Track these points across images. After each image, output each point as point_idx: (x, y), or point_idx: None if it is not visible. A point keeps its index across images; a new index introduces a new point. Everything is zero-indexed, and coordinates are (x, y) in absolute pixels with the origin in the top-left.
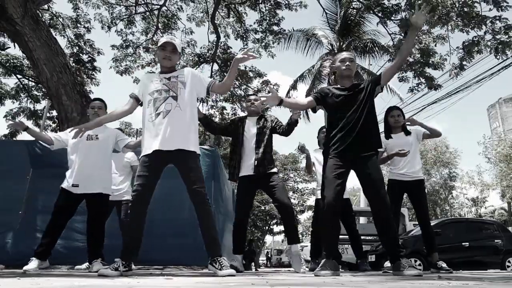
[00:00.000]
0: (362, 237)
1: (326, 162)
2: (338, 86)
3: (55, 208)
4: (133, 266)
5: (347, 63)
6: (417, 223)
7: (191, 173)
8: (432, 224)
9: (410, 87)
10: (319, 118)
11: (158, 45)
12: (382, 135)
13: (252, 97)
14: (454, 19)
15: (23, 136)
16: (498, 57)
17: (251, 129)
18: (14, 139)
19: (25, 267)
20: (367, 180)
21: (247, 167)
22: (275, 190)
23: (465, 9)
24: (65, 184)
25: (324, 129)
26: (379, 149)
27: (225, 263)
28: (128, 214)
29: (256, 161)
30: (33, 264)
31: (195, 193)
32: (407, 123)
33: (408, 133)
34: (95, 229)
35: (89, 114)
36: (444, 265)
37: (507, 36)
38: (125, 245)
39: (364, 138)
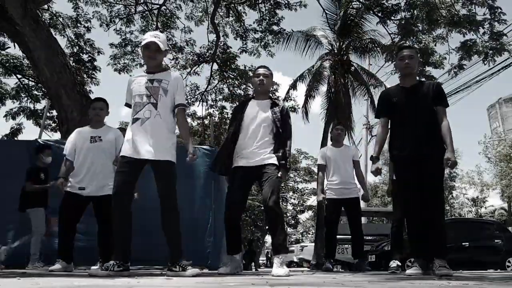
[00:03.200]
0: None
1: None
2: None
3: (63, 213)
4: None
5: (406, 60)
6: None
7: (162, 180)
8: None
9: None
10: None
11: (142, 43)
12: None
13: (262, 71)
14: (447, 27)
15: (24, 136)
16: (485, 62)
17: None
18: (15, 139)
19: (50, 268)
20: None
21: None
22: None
23: (457, 18)
24: (70, 187)
25: (338, 126)
26: None
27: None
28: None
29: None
30: (58, 265)
31: (163, 199)
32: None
33: None
34: (107, 230)
35: (90, 115)
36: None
37: (498, 42)
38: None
39: None
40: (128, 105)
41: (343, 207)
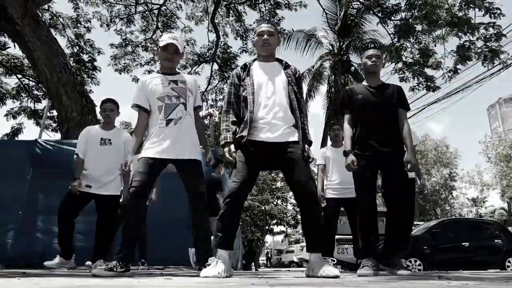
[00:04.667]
0: None
1: None
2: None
3: (64, 209)
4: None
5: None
6: (417, 223)
7: (194, 179)
8: (432, 224)
9: (411, 87)
10: (316, 119)
11: (160, 44)
12: None
13: (265, 27)
14: (446, 28)
15: (24, 136)
16: (485, 65)
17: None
18: (15, 139)
19: (45, 263)
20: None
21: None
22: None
23: (456, 19)
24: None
25: (335, 126)
26: None
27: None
28: (124, 213)
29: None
30: (54, 261)
31: (196, 197)
32: None
33: None
34: (105, 230)
35: (100, 115)
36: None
37: (497, 44)
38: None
39: None
40: (138, 106)
41: (342, 207)
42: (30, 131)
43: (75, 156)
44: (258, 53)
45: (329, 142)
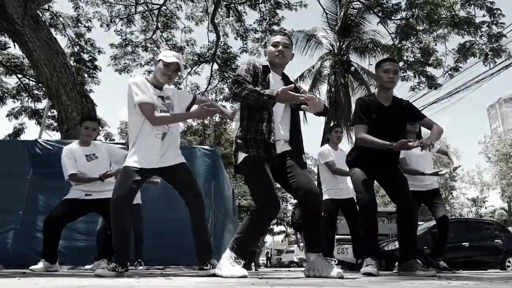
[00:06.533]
0: None
1: None
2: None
3: (59, 214)
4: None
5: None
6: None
7: (186, 178)
8: (432, 224)
9: (411, 86)
10: (316, 119)
11: (165, 60)
12: None
13: (281, 39)
14: (447, 28)
15: (26, 136)
16: (486, 64)
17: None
18: (17, 139)
19: (31, 267)
20: None
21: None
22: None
23: (457, 19)
24: (71, 196)
25: (338, 129)
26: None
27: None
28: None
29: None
30: (39, 265)
31: (195, 198)
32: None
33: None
34: (107, 231)
35: (81, 132)
36: (445, 265)
37: (497, 44)
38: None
39: None
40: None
41: (340, 209)
42: (31, 131)
43: (67, 177)
44: (270, 62)
45: (328, 145)
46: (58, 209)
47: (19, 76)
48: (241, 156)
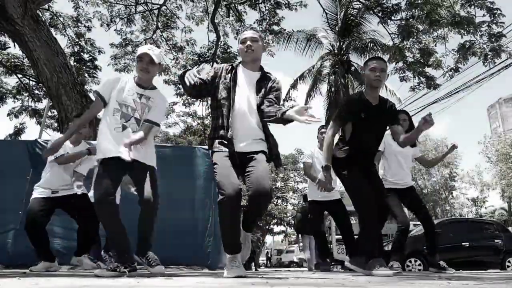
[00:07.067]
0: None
1: None
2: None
3: (35, 217)
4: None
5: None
6: (417, 223)
7: (143, 182)
8: None
9: (411, 86)
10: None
11: (136, 55)
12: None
13: (249, 34)
14: (448, 28)
15: (27, 135)
16: (485, 64)
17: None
18: (17, 138)
19: (31, 268)
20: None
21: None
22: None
23: (458, 18)
24: (40, 194)
25: (323, 130)
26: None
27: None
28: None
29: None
30: (39, 266)
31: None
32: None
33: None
34: (86, 225)
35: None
36: (445, 265)
37: (497, 44)
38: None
39: None
40: (98, 94)
41: (326, 211)
42: (31, 131)
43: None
44: (242, 60)
45: (316, 144)
46: (32, 209)
47: (19, 76)
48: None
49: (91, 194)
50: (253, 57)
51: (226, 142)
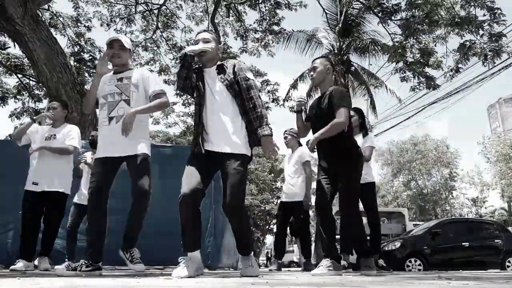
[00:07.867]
0: None
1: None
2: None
3: (23, 210)
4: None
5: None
6: (417, 223)
7: (137, 172)
8: (432, 224)
9: (411, 86)
10: None
11: (106, 42)
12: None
13: (201, 36)
14: (448, 28)
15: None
16: (485, 64)
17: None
18: None
19: (12, 267)
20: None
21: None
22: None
23: (458, 18)
24: (26, 185)
25: (285, 134)
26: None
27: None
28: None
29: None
30: (19, 264)
31: (139, 194)
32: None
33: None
34: (50, 227)
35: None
36: (383, 263)
37: (497, 44)
38: (90, 244)
39: None
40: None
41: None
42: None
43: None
44: (200, 62)
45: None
46: (25, 206)
47: (19, 76)
48: None
49: (76, 199)
50: (209, 57)
51: (200, 140)
